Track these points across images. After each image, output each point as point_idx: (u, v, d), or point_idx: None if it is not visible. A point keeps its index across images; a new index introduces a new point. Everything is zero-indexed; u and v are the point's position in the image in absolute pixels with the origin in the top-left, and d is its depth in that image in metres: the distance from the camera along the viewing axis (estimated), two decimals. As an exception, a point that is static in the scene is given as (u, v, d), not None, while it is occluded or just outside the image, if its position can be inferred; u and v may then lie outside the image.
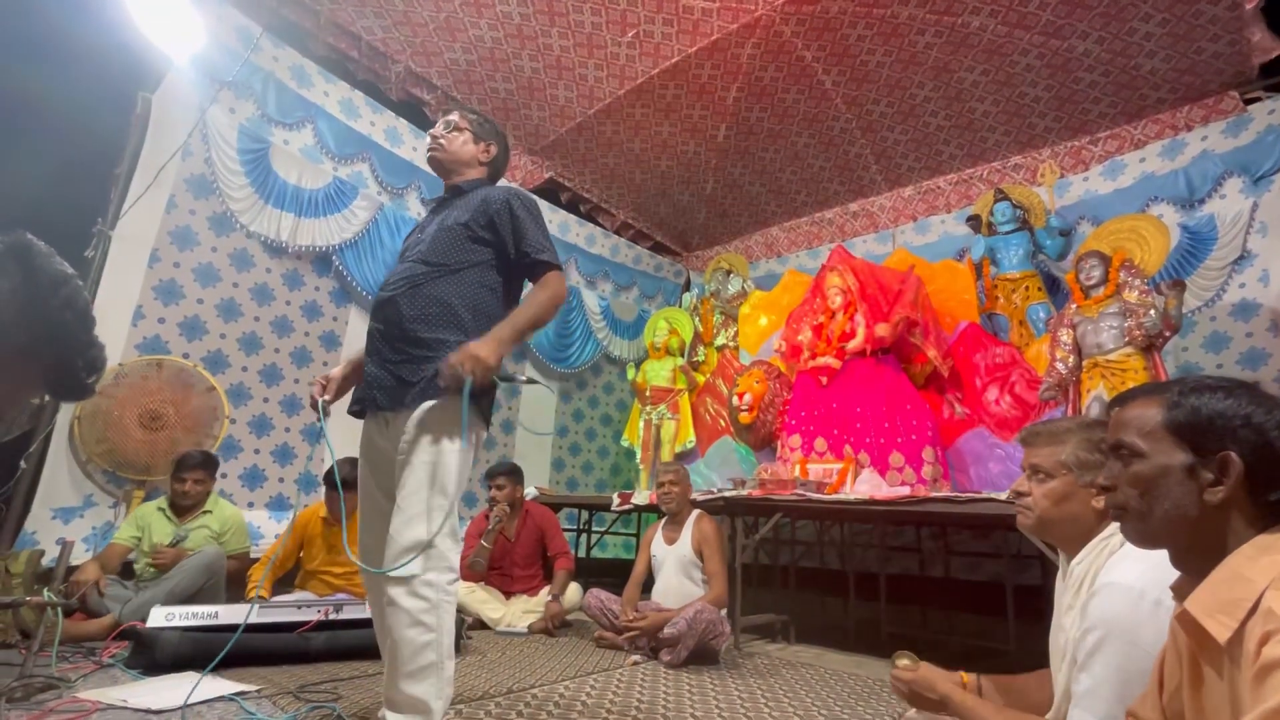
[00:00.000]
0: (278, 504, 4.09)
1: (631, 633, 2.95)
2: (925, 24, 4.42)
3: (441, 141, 1.84)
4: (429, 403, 1.59)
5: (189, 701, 1.87)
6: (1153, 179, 4.65)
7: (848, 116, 5.38)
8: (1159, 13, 4.03)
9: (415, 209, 4.91)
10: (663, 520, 3.39)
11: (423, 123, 5.01)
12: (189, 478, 3.07)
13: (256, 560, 3.26)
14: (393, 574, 1.48)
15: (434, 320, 1.65)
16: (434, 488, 1.54)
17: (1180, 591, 0.87)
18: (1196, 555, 0.84)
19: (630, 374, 5.98)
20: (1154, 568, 1.08)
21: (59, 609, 2.20)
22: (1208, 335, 4.28)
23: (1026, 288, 4.81)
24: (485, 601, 3.52)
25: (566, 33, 4.61)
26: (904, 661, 1.42)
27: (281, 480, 4.14)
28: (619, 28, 4.55)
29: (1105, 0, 4.03)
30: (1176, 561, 0.88)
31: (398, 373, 1.64)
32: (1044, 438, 1.34)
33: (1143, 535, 0.90)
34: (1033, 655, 1.43)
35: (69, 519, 3.22)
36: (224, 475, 3.88)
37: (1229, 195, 4.30)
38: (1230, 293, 4.22)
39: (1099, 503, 1.25)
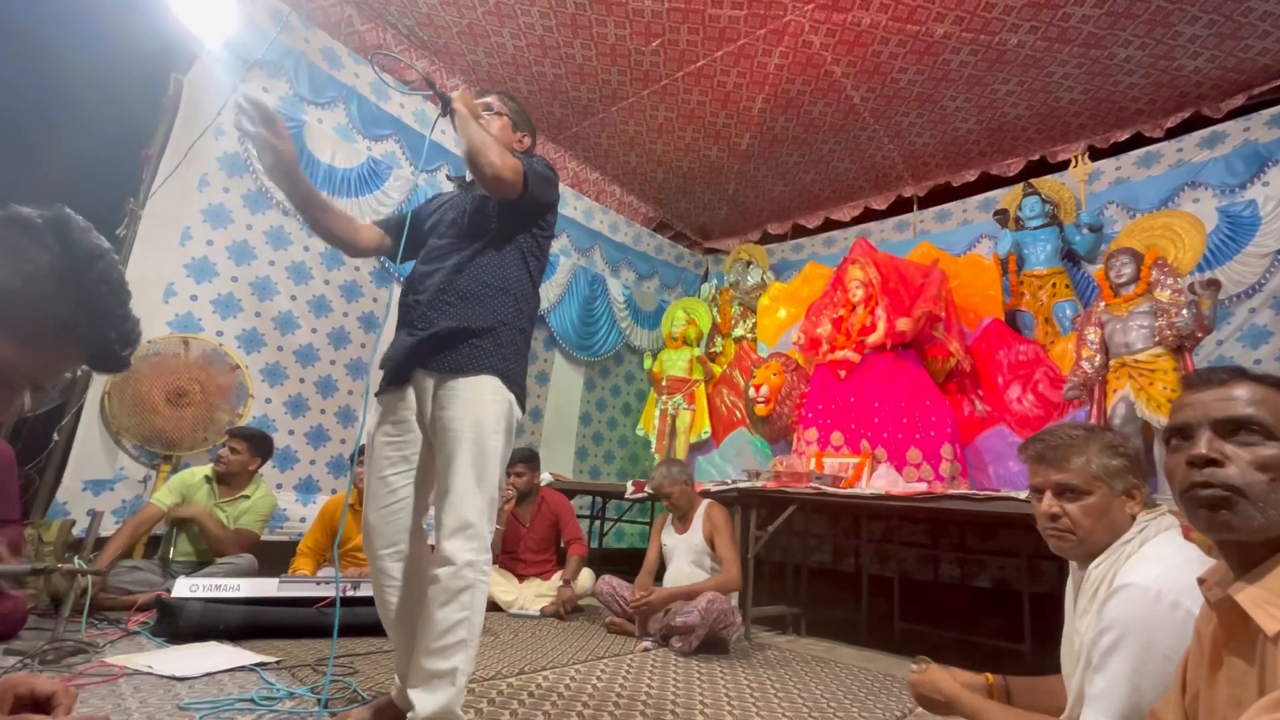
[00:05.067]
0: (306, 486, 4.11)
1: (640, 607, 2.98)
2: (961, 42, 4.28)
3: (482, 123, 1.77)
4: (468, 378, 1.58)
5: (211, 670, 1.92)
6: (1190, 166, 4.50)
7: (875, 127, 5.31)
8: (1206, 14, 3.89)
9: (449, 190, 4.92)
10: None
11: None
12: (229, 444, 3.19)
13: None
14: (441, 554, 1.51)
15: (465, 294, 1.65)
16: (476, 468, 1.54)
17: (1213, 581, 0.85)
18: (1269, 550, 0.79)
19: (647, 363, 5.98)
20: (1171, 570, 1.07)
21: (89, 576, 2.27)
22: (1246, 329, 4.08)
23: (1054, 284, 4.71)
24: (498, 584, 3.57)
25: (589, 44, 4.57)
26: (919, 664, 1.42)
27: (313, 463, 4.16)
28: (643, 38, 4.50)
29: (1150, 8, 3.87)
30: (1242, 553, 0.82)
31: (422, 341, 1.63)
32: (1062, 451, 1.24)
33: (1250, 525, 0.79)
34: (1050, 656, 1.41)
35: (99, 491, 3.31)
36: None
37: (1272, 183, 4.12)
38: (1272, 283, 4.02)
39: (1133, 508, 1.22)
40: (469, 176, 1.84)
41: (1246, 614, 0.75)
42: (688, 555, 3.18)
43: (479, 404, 1.57)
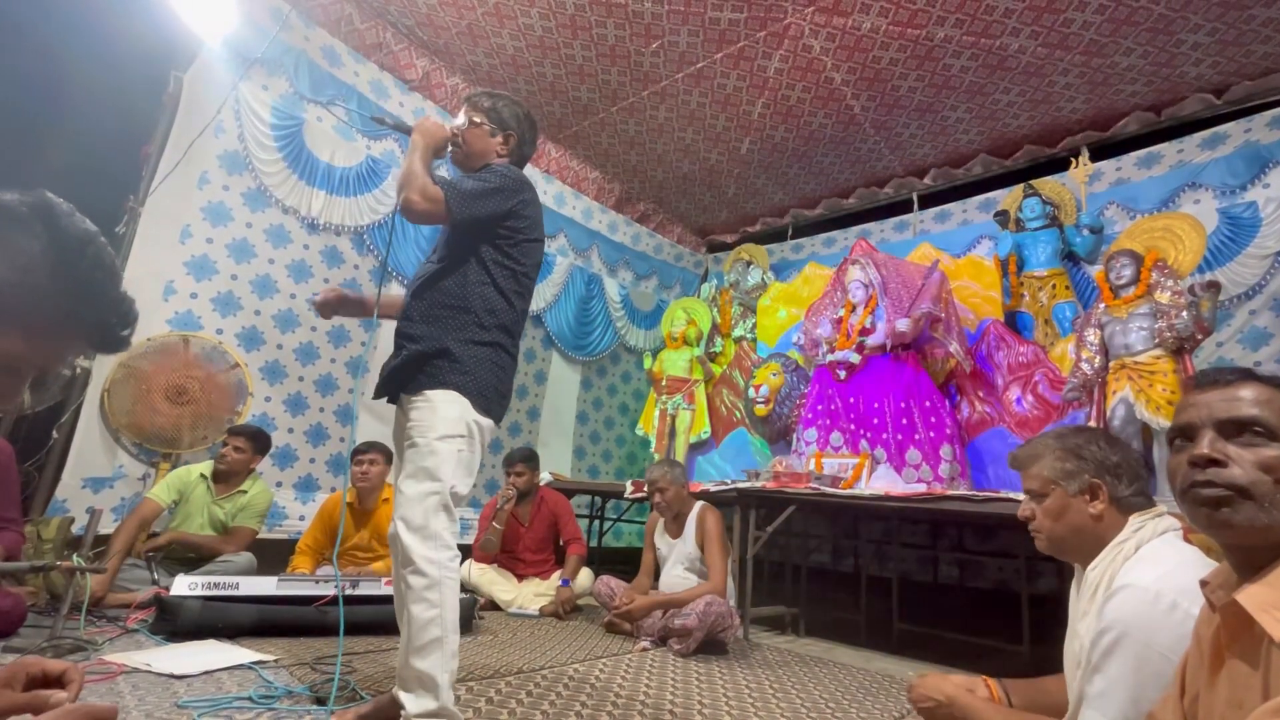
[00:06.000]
0: (305, 485, 4.10)
1: (621, 616, 2.99)
2: (961, 47, 4.26)
3: (459, 141, 1.83)
4: (424, 393, 1.66)
5: (209, 668, 1.91)
6: (1190, 167, 4.49)
7: (876, 139, 5.31)
8: (1209, 23, 3.88)
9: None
10: (666, 512, 3.39)
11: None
12: (231, 443, 3.21)
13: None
14: (397, 554, 1.57)
15: (430, 317, 1.71)
16: (427, 471, 1.60)
17: (1216, 584, 0.84)
18: (1274, 553, 0.78)
19: (647, 363, 5.98)
20: (1170, 571, 1.07)
21: (87, 574, 2.27)
22: (1246, 330, 4.06)
23: (1054, 286, 4.71)
24: (497, 583, 3.57)
25: (589, 45, 4.57)
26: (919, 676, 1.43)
27: (313, 461, 4.15)
28: (643, 40, 4.49)
29: (1152, 16, 3.86)
30: (1247, 556, 0.80)
31: (393, 364, 1.73)
32: (1025, 460, 1.36)
33: (1253, 525, 0.78)
34: (1047, 658, 1.42)
35: (99, 489, 3.31)
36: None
37: (1273, 184, 4.11)
38: (1272, 284, 4.00)
39: (1095, 507, 1.24)
40: None
41: (1251, 618, 0.74)
42: (681, 561, 3.16)
43: (431, 413, 1.64)
